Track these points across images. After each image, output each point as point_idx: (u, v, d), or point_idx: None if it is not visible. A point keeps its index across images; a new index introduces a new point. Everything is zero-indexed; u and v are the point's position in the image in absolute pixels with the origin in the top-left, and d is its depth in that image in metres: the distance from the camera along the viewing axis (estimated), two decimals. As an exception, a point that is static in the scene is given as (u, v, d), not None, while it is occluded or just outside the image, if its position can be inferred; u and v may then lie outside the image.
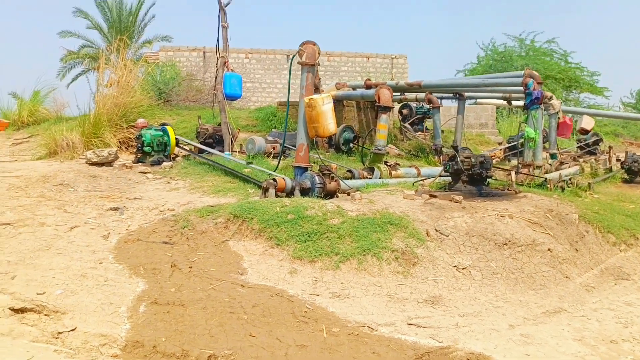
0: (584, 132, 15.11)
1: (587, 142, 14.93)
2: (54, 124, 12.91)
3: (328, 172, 7.94)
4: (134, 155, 10.12)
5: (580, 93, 30.82)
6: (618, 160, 12.19)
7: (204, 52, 26.53)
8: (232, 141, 10.37)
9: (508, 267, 6.04)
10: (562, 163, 12.63)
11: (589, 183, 10.29)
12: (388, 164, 9.40)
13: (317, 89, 13.32)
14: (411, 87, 11.91)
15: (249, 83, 26.77)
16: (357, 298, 5.14)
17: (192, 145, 10.45)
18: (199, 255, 5.76)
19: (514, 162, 14.26)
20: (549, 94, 12.14)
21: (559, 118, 12.85)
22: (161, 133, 9.95)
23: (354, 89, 13.50)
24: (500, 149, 15.14)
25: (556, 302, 5.54)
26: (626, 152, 11.75)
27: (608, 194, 10.36)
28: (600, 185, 10.79)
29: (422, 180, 8.59)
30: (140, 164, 9.75)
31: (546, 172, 11.27)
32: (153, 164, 9.78)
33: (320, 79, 8.49)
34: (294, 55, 8.02)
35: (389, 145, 12.53)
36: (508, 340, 4.44)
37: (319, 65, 7.93)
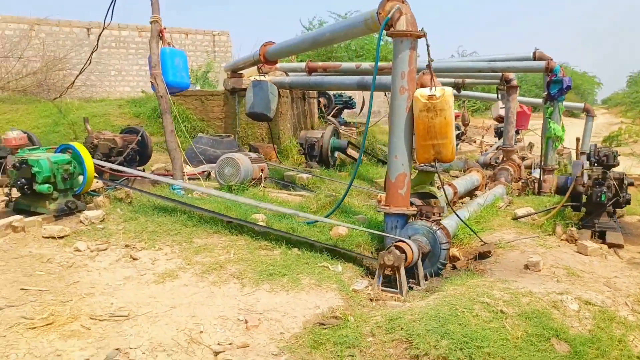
0: (501, 119, 14.01)
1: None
2: None
3: (433, 214, 4.81)
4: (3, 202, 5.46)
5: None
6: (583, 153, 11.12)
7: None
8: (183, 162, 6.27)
9: None
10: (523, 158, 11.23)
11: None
12: (447, 183, 6.55)
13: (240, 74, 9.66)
14: (381, 71, 9.04)
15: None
16: None
17: (124, 172, 6.06)
18: None
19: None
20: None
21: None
22: (67, 157, 5.43)
23: (286, 73, 10.10)
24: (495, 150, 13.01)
25: None
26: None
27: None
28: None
29: (533, 213, 5.97)
30: (24, 216, 5.13)
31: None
32: (59, 214, 5.27)
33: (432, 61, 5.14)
34: (385, 21, 4.55)
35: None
36: None
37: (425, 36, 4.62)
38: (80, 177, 5.59)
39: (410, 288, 4.27)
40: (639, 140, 24.74)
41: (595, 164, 10.81)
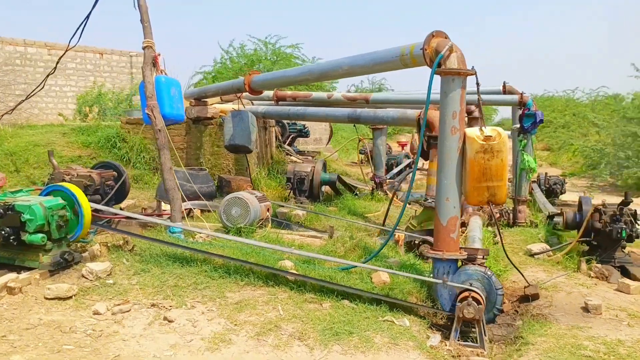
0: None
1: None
2: None
3: (477, 257, 4.66)
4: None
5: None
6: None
7: None
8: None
9: None
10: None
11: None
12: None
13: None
14: (353, 102, 8.94)
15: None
16: None
17: (128, 216, 5.32)
18: None
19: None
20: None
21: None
22: (61, 202, 4.68)
23: (252, 102, 9.67)
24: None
25: None
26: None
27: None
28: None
29: (548, 250, 5.99)
30: (8, 271, 4.34)
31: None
32: (55, 268, 4.49)
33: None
34: (438, 59, 4.35)
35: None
36: None
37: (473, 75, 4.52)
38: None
39: (471, 338, 4.05)
40: (543, 164, 26.63)
41: (545, 192, 11.36)
